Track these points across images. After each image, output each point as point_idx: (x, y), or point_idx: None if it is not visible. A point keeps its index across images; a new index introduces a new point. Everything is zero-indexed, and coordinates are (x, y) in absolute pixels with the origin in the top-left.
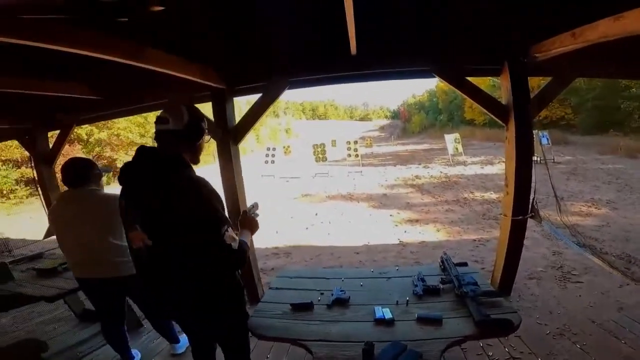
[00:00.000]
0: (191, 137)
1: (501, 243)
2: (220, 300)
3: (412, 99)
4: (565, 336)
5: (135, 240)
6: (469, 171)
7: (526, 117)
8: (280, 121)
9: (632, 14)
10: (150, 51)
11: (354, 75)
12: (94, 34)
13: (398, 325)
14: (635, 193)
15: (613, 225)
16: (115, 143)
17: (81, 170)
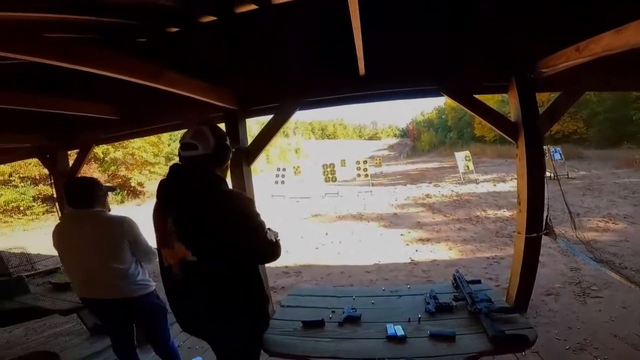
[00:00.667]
0: (221, 157)
1: (516, 260)
2: (249, 307)
3: (421, 117)
4: (586, 351)
5: (168, 257)
6: (480, 189)
7: (536, 133)
8: (290, 141)
9: (634, 25)
10: (168, 73)
11: (363, 96)
12: (114, 55)
13: (410, 342)
14: None
15: (632, 239)
16: (130, 162)
17: (86, 191)
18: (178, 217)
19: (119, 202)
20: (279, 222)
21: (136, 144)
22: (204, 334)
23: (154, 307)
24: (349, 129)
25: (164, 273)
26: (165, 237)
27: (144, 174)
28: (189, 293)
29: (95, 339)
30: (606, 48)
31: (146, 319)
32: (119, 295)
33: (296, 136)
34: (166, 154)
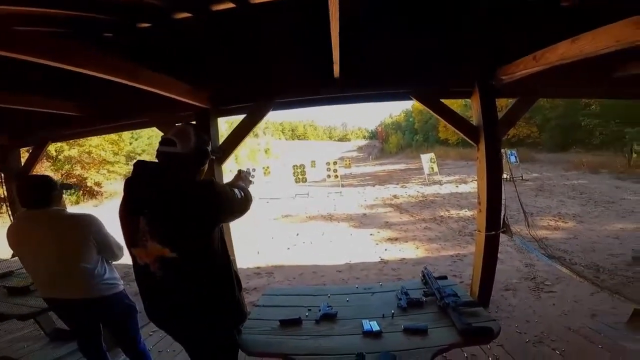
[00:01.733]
0: (197, 161)
1: (477, 257)
2: (229, 304)
3: (390, 120)
4: (544, 343)
5: (142, 257)
6: (444, 190)
7: (495, 137)
8: (260, 141)
9: (587, 36)
10: (145, 72)
11: (337, 98)
12: (94, 53)
13: (386, 336)
14: (599, 207)
15: (580, 237)
16: (87, 161)
17: (41, 190)
18: (151, 216)
19: (73, 203)
20: (249, 223)
21: (93, 141)
22: (181, 333)
23: (124, 307)
24: (320, 130)
25: (140, 272)
26: (136, 237)
27: (101, 173)
28: (169, 291)
29: (56, 344)
30: (561, 57)
31: (115, 320)
32: (85, 295)
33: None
34: (127, 153)
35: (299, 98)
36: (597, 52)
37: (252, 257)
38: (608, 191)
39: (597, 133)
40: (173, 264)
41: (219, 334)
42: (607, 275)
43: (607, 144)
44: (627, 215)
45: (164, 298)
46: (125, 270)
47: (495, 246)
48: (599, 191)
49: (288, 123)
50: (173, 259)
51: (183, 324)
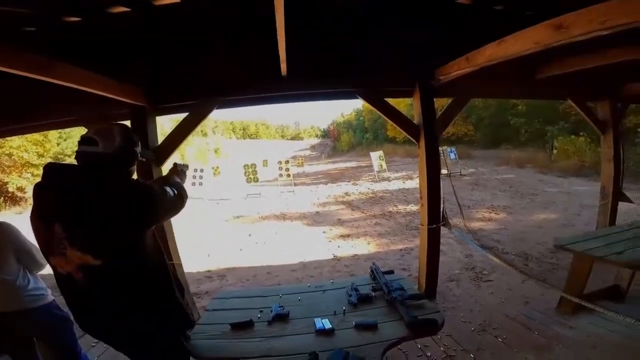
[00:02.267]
0: (122, 162)
1: (422, 250)
2: (165, 305)
3: (341, 118)
4: (487, 331)
5: (63, 265)
6: (392, 186)
7: (433, 135)
8: (209, 141)
9: (510, 38)
10: (62, 65)
11: (285, 96)
12: None
13: (338, 334)
14: (525, 198)
15: (510, 227)
16: (7, 164)
17: None
18: (68, 222)
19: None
20: (198, 225)
21: (14, 142)
22: (120, 342)
23: (55, 319)
24: (272, 129)
25: (63, 282)
26: (52, 245)
27: (25, 177)
28: (97, 299)
29: None
30: (489, 58)
31: (48, 332)
32: (9, 308)
33: (216, 135)
34: (54, 154)
35: (245, 96)
36: (519, 53)
37: (202, 260)
38: (533, 184)
39: (523, 131)
40: (98, 271)
41: (161, 341)
42: (535, 263)
43: (531, 141)
44: (549, 206)
45: (93, 307)
46: (53, 281)
47: (437, 239)
48: (525, 184)
49: (239, 122)
50: (98, 266)
51: (119, 333)
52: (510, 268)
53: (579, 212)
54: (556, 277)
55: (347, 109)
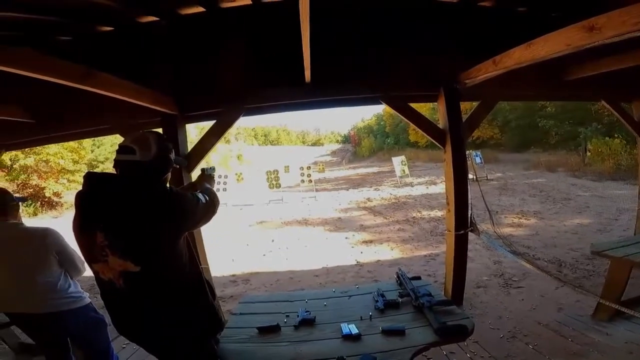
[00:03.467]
0: (159, 170)
1: (448, 256)
2: (202, 312)
3: (362, 123)
4: (517, 338)
5: (105, 272)
6: (415, 191)
7: (460, 139)
8: (232, 147)
9: (540, 41)
10: (100, 75)
11: (308, 103)
12: (35, 54)
13: (365, 339)
14: (557, 203)
15: (542, 233)
16: (44, 170)
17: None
18: (109, 230)
19: (31, 214)
20: (223, 231)
21: (51, 149)
22: (155, 345)
23: (91, 320)
24: (293, 135)
25: (105, 288)
26: (95, 252)
27: (61, 182)
28: (137, 305)
29: (22, 359)
30: (517, 61)
31: (83, 334)
32: (48, 310)
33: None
34: (88, 161)
35: (269, 104)
36: (549, 55)
37: (227, 265)
38: (565, 188)
39: (553, 133)
40: (138, 277)
41: (195, 344)
42: (569, 269)
43: (562, 143)
44: (583, 211)
45: (132, 312)
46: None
47: (465, 245)
48: (557, 189)
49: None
50: (138, 273)
51: (156, 337)
52: (543, 274)
53: (616, 217)
54: (592, 284)
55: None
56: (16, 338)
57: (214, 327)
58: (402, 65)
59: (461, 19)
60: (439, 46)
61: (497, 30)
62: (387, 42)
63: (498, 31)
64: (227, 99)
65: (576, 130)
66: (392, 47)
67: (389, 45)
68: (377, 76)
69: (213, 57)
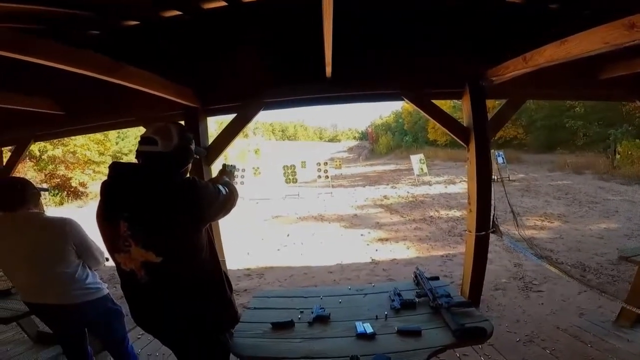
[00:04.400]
0: (180, 160)
1: (467, 257)
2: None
3: (380, 120)
4: (534, 342)
5: (127, 263)
6: (433, 190)
7: (485, 138)
8: (249, 142)
9: (575, 38)
10: (127, 67)
11: (328, 98)
12: (66, 47)
13: (379, 338)
14: (584, 207)
15: (566, 237)
16: (71, 161)
17: (18, 191)
18: (132, 220)
19: (57, 204)
20: (238, 224)
21: (78, 141)
22: (171, 337)
23: (109, 311)
24: (310, 130)
25: (126, 278)
26: (118, 242)
27: (86, 173)
28: (157, 296)
29: (40, 348)
30: (549, 59)
31: (101, 324)
32: (67, 301)
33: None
34: (113, 153)
35: (289, 98)
36: (584, 54)
37: (242, 259)
38: (592, 192)
39: (581, 134)
40: (159, 268)
41: (210, 337)
42: (593, 274)
43: (590, 145)
44: (611, 216)
45: (152, 303)
46: (110, 273)
47: (485, 246)
48: (584, 191)
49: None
50: (159, 264)
51: (173, 328)
52: (566, 279)
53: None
54: (616, 290)
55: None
56: (35, 327)
57: (230, 321)
58: (425, 61)
59: (487, 15)
60: (464, 43)
61: (525, 27)
62: (410, 37)
63: (526, 28)
64: (248, 93)
65: (605, 131)
66: (417, 42)
67: (413, 40)
68: (399, 72)
69: (234, 51)
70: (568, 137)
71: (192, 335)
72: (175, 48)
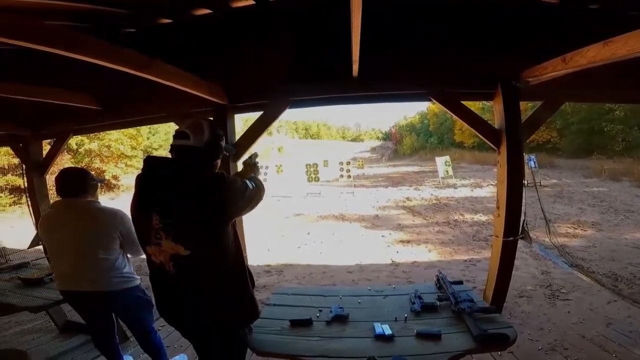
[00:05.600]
0: (210, 155)
1: (493, 263)
2: (242, 300)
3: (404, 121)
4: (557, 351)
5: (157, 255)
6: (458, 194)
7: (517, 141)
8: (273, 139)
9: (621, 39)
10: (161, 64)
11: (355, 97)
12: (105, 43)
13: (398, 340)
14: (620, 215)
15: (599, 246)
16: (106, 154)
17: (79, 180)
18: (163, 213)
19: None
20: (260, 221)
21: (113, 136)
22: (193, 330)
23: (140, 301)
24: (333, 129)
25: (155, 271)
26: (150, 235)
27: (119, 167)
28: (183, 289)
29: (66, 337)
30: (592, 60)
31: (132, 312)
32: (105, 288)
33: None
34: (144, 148)
35: (316, 97)
36: (629, 55)
37: (262, 255)
38: (629, 200)
39: (620, 139)
40: (187, 261)
41: (231, 332)
42: (626, 284)
43: (629, 150)
44: None
45: (178, 296)
46: (137, 265)
47: (513, 252)
48: (620, 199)
49: (302, 122)
50: (187, 257)
51: (196, 321)
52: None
53: None
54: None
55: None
56: (64, 316)
57: (251, 317)
58: (454, 60)
59: (520, 14)
60: (498, 42)
61: (561, 27)
62: (438, 35)
63: (563, 28)
64: (274, 91)
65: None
66: (447, 41)
67: (441, 39)
68: (429, 71)
69: (261, 49)
70: (606, 142)
71: (214, 329)
72: (204, 46)
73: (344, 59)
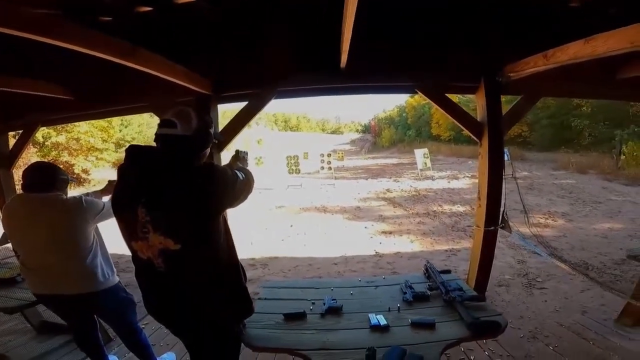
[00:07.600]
0: (200, 143)
1: (474, 252)
2: (235, 295)
3: (383, 114)
4: (538, 339)
5: (144, 251)
6: (436, 185)
7: (499, 133)
8: (252, 132)
9: (601, 37)
10: (142, 52)
11: (341, 88)
12: (86, 30)
13: (393, 330)
14: (587, 206)
15: (570, 235)
16: (74, 147)
17: (48, 174)
18: (151, 205)
19: None
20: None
21: (82, 128)
22: (185, 327)
23: (121, 300)
24: (312, 122)
25: (142, 267)
26: (136, 229)
27: (89, 160)
28: (173, 285)
29: (43, 338)
30: (573, 56)
31: (114, 313)
32: (81, 290)
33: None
34: (116, 140)
35: (302, 87)
36: (609, 53)
37: (246, 248)
38: (595, 191)
39: (587, 134)
40: (177, 256)
41: (224, 328)
42: (596, 273)
43: (595, 145)
44: (615, 216)
45: (168, 293)
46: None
47: (493, 242)
48: (588, 191)
49: (281, 114)
50: (177, 251)
51: (188, 318)
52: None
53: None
54: (619, 289)
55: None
56: (39, 317)
57: (246, 312)
58: (440, 54)
59: (506, 10)
60: (483, 37)
61: (544, 24)
62: (426, 31)
63: (545, 25)
64: (260, 81)
65: (611, 132)
66: (430, 36)
67: (427, 34)
68: (414, 64)
69: (248, 39)
70: (573, 136)
71: (206, 325)
72: (189, 35)
73: (332, 51)
